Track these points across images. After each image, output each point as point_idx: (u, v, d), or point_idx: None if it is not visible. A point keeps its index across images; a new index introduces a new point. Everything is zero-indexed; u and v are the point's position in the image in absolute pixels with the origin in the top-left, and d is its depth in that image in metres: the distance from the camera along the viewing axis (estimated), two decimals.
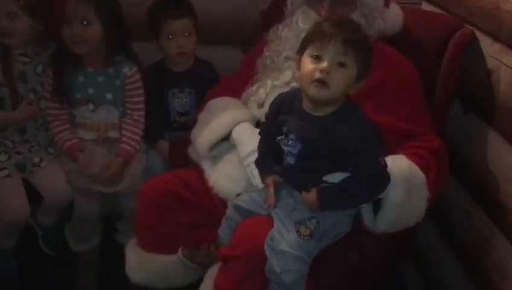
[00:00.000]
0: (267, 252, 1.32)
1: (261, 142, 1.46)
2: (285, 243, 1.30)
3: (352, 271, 1.45)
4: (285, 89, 1.53)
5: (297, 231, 1.30)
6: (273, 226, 1.36)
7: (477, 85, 1.61)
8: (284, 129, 1.35)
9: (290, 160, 1.34)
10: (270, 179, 1.39)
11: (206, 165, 1.64)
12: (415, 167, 1.40)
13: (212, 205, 1.61)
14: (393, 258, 1.69)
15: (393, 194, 1.33)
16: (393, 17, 1.65)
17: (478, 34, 1.61)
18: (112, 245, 2.00)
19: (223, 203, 1.57)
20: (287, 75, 1.58)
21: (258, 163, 1.47)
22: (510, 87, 1.44)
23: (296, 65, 1.52)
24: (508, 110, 1.44)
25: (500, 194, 1.45)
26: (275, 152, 1.39)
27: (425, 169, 1.41)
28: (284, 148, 1.35)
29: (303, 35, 1.51)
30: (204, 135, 1.64)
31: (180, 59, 1.95)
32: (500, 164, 1.47)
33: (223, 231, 1.51)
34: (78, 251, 2.04)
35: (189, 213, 1.63)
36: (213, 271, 1.51)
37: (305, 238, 1.30)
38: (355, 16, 1.53)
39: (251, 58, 1.78)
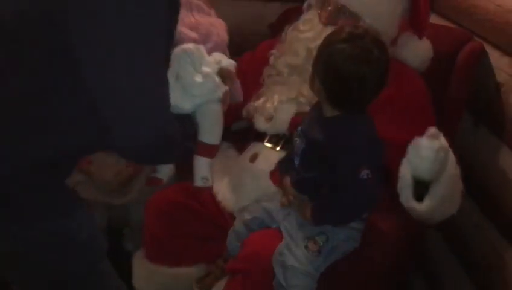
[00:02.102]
0: (275, 267, 1.31)
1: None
2: (294, 258, 1.29)
3: (361, 285, 1.43)
4: (292, 105, 1.53)
5: (306, 247, 1.30)
6: (281, 240, 1.36)
7: (486, 98, 1.60)
8: (299, 128, 1.35)
9: (296, 161, 1.34)
10: (287, 180, 1.37)
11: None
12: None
13: (221, 218, 1.61)
14: (403, 271, 1.68)
15: (450, 165, 1.23)
16: (418, 51, 1.58)
17: (487, 47, 1.60)
18: (118, 256, 1.99)
19: (232, 216, 1.57)
20: (293, 90, 1.56)
21: (280, 163, 1.46)
22: None
23: (300, 80, 1.54)
24: None
25: (511, 208, 1.44)
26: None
27: None
28: (294, 150, 1.35)
29: (300, 36, 1.53)
30: None
31: None
32: (511, 177, 1.46)
33: (231, 244, 1.51)
34: None
35: (199, 225, 1.62)
36: (221, 284, 1.50)
37: (314, 253, 1.29)
38: None
39: (253, 57, 1.77)
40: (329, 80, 1.22)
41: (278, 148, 1.58)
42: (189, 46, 1.22)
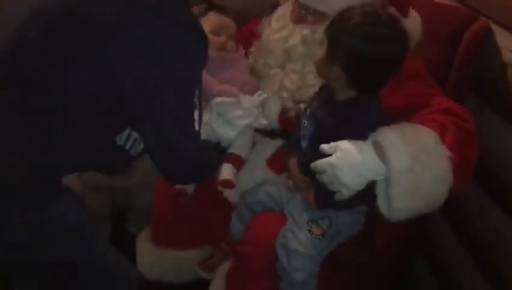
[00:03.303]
0: (279, 250, 1.31)
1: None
2: (297, 241, 1.29)
3: (362, 269, 1.44)
4: (276, 101, 1.51)
5: (310, 230, 1.29)
6: (285, 223, 1.35)
7: (493, 79, 1.57)
8: (307, 111, 1.33)
9: (303, 144, 1.32)
10: (293, 162, 1.34)
11: None
12: (419, 126, 1.24)
13: (226, 202, 1.59)
14: (405, 254, 1.67)
15: (395, 160, 1.14)
16: (412, 30, 1.44)
17: (494, 26, 1.56)
18: (122, 240, 2.00)
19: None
20: (275, 83, 1.53)
21: (287, 144, 1.44)
22: None
23: (281, 72, 1.51)
24: None
25: None
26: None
27: (437, 128, 1.24)
28: (301, 132, 1.33)
29: (275, 37, 1.51)
30: None
31: None
32: None
33: (235, 227, 1.51)
34: None
35: (205, 208, 1.62)
36: (224, 267, 1.51)
37: (318, 237, 1.29)
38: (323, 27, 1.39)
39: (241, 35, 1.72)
40: (353, 66, 1.17)
41: (273, 139, 1.56)
42: (228, 99, 1.49)
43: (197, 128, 1.17)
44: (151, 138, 1.13)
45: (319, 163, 1.18)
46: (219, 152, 1.52)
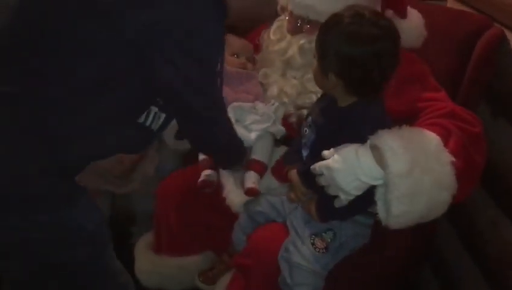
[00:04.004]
0: (281, 264, 1.28)
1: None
2: (300, 255, 1.26)
3: (368, 283, 1.41)
4: (275, 103, 1.51)
5: (313, 244, 1.26)
6: (287, 235, 1.32)
7: (506, 87, 1.53)
8: (309, 118, 1.29)
9: (304, 152, 1.29)
10: (294, 174, 1.30)
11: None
12: (420, 130, 1.20)
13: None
14: (411, 268, 1.64)
15: (394, 166, 1.10)
16: (411, 30, 1.47)
17: (508, 33, 1.53)
18: (121, 247, 1.97)
19: None
20: (274, 88, 1.53)
21: (286, 155, 1.43)
22: None
23: (281, 78, 1.52)
24: None
25: None
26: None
27: (439, 132, 1.21)
28: (303, 140, 1.30)
29: (274, 48, 1.53)
30: None
31: None
32: None
33: (237, 238, 1.49)
34: None
35: (208, 213, 1.60)
36: (225, 279, 1.48)
37: (321, 251, 1.25)
38: None
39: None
40: (346, 70, 1.15)
41: (279, 146, 1.54)
42: (245, 104, 1.55)
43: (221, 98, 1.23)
44: (179, 112, 1.18)
45: (317, 165, 1.17)
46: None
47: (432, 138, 1.18)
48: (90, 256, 1.18)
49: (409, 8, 1.49)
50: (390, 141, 1.11)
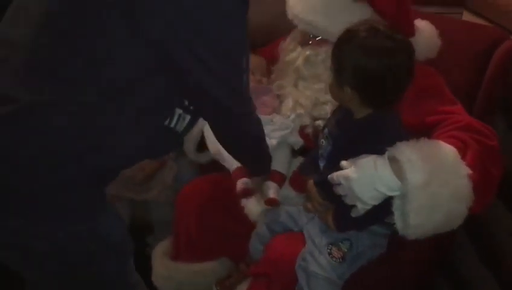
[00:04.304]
0: (298, 273, 1.29)
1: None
2: (317, 265, 1.27)
3: None
4: (291, 115, 1.53)
5: (330, 253, 1.27)
6: (305, 244, 1.33)
7: None
8: (325, 130, 1.31)
9: (321, 163, 1.30)
10: (311, 184, 1.31)
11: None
12: (438, 142, 1.21)
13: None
14: (428, 277, 1.63)
15: (413, 177, 1.11)
16: (424, 40, 1.48)
17: None
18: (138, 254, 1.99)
19: None
20: (289, 100, 1.56)
21: (301, 165, 1.44)
22: None
23: (295, 91, 1.54)
24: None
25: None
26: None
27: (457, 145, 1.21)
28: (320, 151, 1.31)
29: (287, 59, 1.56)
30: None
31: None
32: None
33: (254, 247, 1.49)
34: None
35: (226, 221, 1.61)
36: (242, 288, 1.49)
37: (338, 260, 1.26)
38: (324, 49, 1.47)
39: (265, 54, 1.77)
40: (362, 83, 1.17)
41: (296, 157, 1.56)
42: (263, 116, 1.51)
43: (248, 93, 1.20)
44: (209, 110, 1.17)
45: (335, 175, 1.18)
46: None
47: (449, 151, 1.19)
48: (116, 266, 1.17)
49: (417, 21, 1.50)
50: (408, 152, 1.13)
